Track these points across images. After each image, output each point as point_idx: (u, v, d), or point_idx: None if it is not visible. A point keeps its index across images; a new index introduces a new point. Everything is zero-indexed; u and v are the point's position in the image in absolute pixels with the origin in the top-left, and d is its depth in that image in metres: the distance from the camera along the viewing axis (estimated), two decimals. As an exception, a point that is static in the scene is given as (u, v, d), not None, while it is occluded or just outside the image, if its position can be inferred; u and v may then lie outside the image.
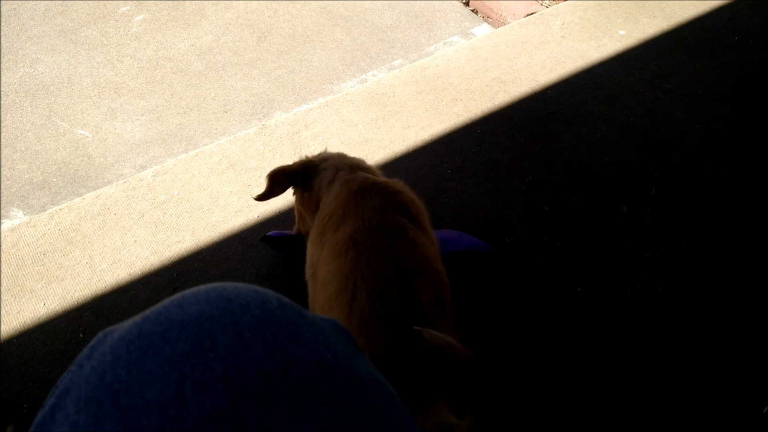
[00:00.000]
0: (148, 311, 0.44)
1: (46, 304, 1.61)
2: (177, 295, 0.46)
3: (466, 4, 2.92)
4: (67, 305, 1.61)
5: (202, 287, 0.47)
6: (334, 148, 1.99)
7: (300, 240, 1.56)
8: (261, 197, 1.41)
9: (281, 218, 1.78)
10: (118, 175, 2.10)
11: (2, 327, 1.57)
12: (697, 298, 1.56)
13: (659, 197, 1.80)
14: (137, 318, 0.44)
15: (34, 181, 2.10)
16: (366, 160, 1.92)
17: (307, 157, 1.48)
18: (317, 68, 2.58)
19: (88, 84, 2.51)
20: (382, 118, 2.10)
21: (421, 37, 2.72)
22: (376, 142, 2.00)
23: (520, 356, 1.47)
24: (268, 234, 1.64)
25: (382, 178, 1.33)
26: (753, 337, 1.48)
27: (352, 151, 1.96)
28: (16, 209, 2.00)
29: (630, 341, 1.48)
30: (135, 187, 1.91)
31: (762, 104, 2.07)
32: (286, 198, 1.82)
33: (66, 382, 0.42)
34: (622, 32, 2.43)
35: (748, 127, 1.99)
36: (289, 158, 1.96)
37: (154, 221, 1.80)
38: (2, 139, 2.25)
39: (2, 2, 2.85)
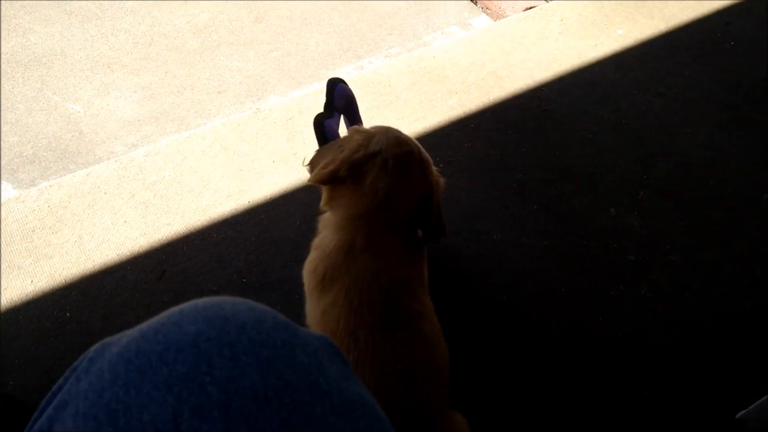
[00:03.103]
0: (145, 327, 0.45)
1: (34, 281, 1.61)
2: (175, 311, 0.47)
3: (466, -7, 2.91)
4: (55, 283, 1.61)
5: (200, 303, 0.47)
6: (327, 136, 1.99)
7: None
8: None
9: (272, 205, 1.78)
10: (109, 152, 2.09)
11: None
12: (678, 303, 1.59)
13: (647, 201, 1.82)
14: (135, 333, 0.45)
15: (24, 154, 2.08)
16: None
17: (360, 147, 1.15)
18: (313, 52, 2.57)
19: (81, 57, 2.48)
20: (377, 108, 2.10)
21: (420, 26, 2.71)
22: (370, 132, 2.00)
23: (497, 357, 1.49)
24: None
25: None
26: (729, 342, 1.51)
27: (346, 141, 1.97)
28: (5, 183, 1.99)
29: (608, 342, 1.51)
30: (126, 166, 1.90)
31: (754, 112, 2.09)
32: (279, 185, 1.83)
33: (64, 395, 0.42)
34: (620, 32, 2.43)
35: (739, 135, 2.01)
36: (282, 144, 1.96)
37: (144, 202, 1.80)
38: (-8, 110, 2.23)
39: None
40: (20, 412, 1.40)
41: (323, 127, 1.36)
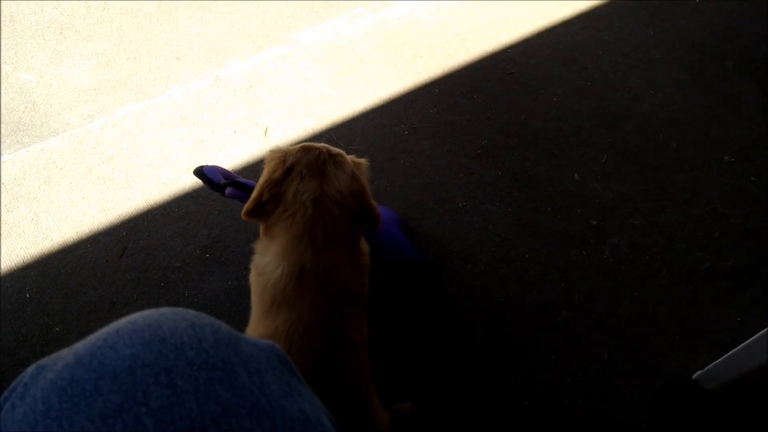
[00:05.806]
0: (81, 349, 0.44)
1: (-10, 263, 1.58)
2: (112, 330, 0.45)
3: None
4: (12, 264, 1.58)
5: (139, 320, 0.46)
6: (290, 104, 1.95)
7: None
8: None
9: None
10: (64, 124, 2.01)
11: (-55, 283, 1.53)
12: (638, 266, 1.62)
13: (610, 164, 1.83)
14: (70, 357, 0.44)
15: (-25, 128, 2.01)
16: (322, 119, 1.91)
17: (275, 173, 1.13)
18: (275, 14, 2.49)
19: (31, 23, 2.37)
20: (341, 74, 2.06)
21: (384, -15, 2.64)
22: (333, 99, 1.97)
23: (466, 329, 1.51)
24: (204, 170, 1.32)
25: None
26: (687, 303, 1.55)
27: (309, 108, 1.94)
28: (-44, 158, 1.92)
29: (572, 304, 1.53)
30: (82, 140, 1.85)
31: (716, 71, 2.09)
32: (241, 156, 1.79)
33: None
34: (585, -11, 2.40)
35: (701, 96, 2.01)
36: (243, 113, 1.92)
37: (102, 177, 1.76)
38: (-61, 81, 2.13)
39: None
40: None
41: (203, 173, 1.31)
